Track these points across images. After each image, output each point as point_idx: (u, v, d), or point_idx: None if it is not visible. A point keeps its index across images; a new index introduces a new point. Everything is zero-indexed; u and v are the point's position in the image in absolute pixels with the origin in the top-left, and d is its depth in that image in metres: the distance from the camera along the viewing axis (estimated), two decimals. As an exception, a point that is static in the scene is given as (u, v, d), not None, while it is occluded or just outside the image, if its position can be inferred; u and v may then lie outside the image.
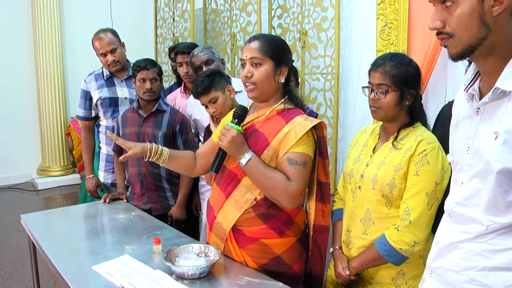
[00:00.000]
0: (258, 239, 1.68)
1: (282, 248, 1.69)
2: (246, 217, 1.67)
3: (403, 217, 1.54)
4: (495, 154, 0.98)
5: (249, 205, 1.66)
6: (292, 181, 1.58)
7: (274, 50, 1.64)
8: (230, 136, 1.61)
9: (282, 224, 1.68)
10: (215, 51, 2.59)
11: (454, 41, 1.00)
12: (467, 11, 0.96)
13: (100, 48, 2.85)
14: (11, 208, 4.99)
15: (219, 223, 1.73)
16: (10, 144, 5.96)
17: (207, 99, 2.16)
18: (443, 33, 1.01)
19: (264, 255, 1.69)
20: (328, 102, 4.64)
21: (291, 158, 1.60)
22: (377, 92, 1.60)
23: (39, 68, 5.93)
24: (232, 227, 1.69)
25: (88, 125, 3.08)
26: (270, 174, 1.59)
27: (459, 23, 0.97)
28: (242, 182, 1.68)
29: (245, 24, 5.01)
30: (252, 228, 1.68)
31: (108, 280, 1.60)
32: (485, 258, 1.04)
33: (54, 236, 2.14)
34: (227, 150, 1.64)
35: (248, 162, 1.60)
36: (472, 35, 0.97)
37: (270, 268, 1.69)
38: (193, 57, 2.54)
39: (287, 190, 1.57)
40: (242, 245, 1.70)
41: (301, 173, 1.60)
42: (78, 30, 6.14)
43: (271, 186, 1.59)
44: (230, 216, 1.69)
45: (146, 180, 2.57)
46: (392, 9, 3.97)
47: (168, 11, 5.79)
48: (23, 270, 3.43)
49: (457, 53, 1.01)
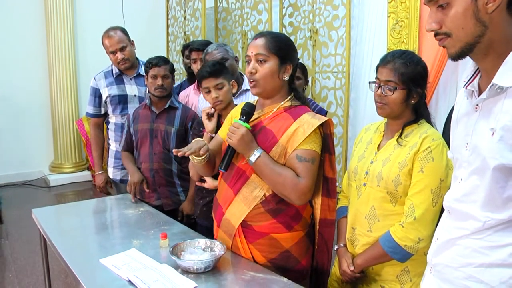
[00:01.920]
0: (268, 233, 1.69)
1: (290, 242, 1.71)
2: (255, 213, 1.69)
3: (408, 213, 1.54)
4: (491, 150, 0.98)
5: (258, 201, 1.68)
6: (301, 177, 1.60)
7: (279, 47, 1.65)
8: (239, 134, 1.62)
9: (290, 219, 1.70)
10: (229, 49, 2.60)
11: (452, 41, 1.01)
12: (461, 10, 0.97)
13: (110, 46, 2.89)
14: (24, 204, 5.06)
15: (228, 220, 1.74)
16: (24, 141, 6.06)
17: (214, 82, 2.14)
18: (440, 33, 1.03)
19: (273, 250, 1.70)
20: (338, 100, 4.63)
21: (300, 155, 1.61)
22: (385, 88, 1.60)
23: (52, 67, 6.01)
24: (241, 222, 1.71)
25: (97, 122, 3.11)
26: (279, 171, 1.60)
27: (454, 22, 0.99)
28: (251, 179, 1.69)
29: (256, 23, 5.02)
30: (261, 223, 1.69)
31: (115, 273, 1.62)
32: (482, 255, 1.04)
33: (64, 230, 2.18)
34: (236, 147, 1.65)
35: (258, 159, 1.61)
36: (469, 33, 0.98)
37: (279, 262, 1.70)
38: (207, 55, 2.55)
39: (297, 186, 1.59)
40: (251, 240, 1.71)
41: (310, 169, 1.61)
42: (90, 29, 6.21)
43: (281, 183, 1.60)
44: (239, 213, 1.71)
45: (158, 175, 2.59)
46: (403, 7, 3.95)
47: (180, 9, 5.81)
48: (35, 264, 3.48)
49: (456, 52, 1.02)
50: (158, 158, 2.57)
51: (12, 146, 5.99)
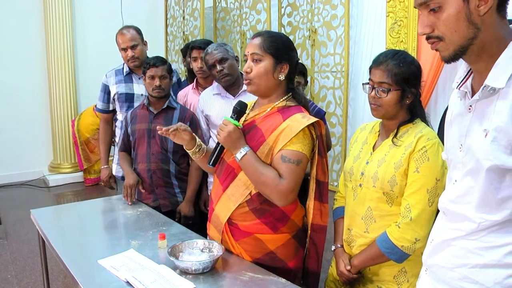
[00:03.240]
0: (252, 233, 1.70)
1: (276, 243, 1.71)
2: (240, 211, 1.70)
3: (404, 214, 1.54)
4: (485, 151, 0.99)
5: (244, 199, 1.68)
6: (283, 178, 1.59)
7: (275, 47, 1.66)
8: (226, 131, 1.64)
9: (275, 220, 1.69)
10: (229, 48, 2.59)
11: (444, 44, 1.02)
12: (453, 13, 0.98)
13: (122, 43, 2.97)
14: (23, 204, 5.06)
15: (217, 215, 1.77)
16: (23, 141, 6.07)
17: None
18: (432, 37, 1.03)
19: (258, 250, 1.71)
20: (337, 100, 4.63)
21: (285, 155, 1.61)
22: (378, 90, 1.59)
23: (51, 67, 6.01)
24: (228, 220, 1.72)
25: (106, 118, 3.20)
26: (262, 170, 1.60)
27: (446, 25, 0.99)
28: (239, 177, 1.70)
29: (255, 22, 5.03)
30: (246, 222, 1.70)
31: (113, 274, 1.62)
32: (477, 255, 1.05)
33: (63, 230, 2.18)
34: (224, 144, 1.68)
35: (243, 157, 1.62)
36: (462, 36, 0.99)
37: (264, 262, 1.70)
38: (207, 55, 2.54)
39: (277, 187, 1.58)
40: (236, 238, 1.73)
41: (294, 171, 1.60)
42: (89, 29, 6.23)
43: (262, 182, 1.60)
44: (226, 209, 1.72)
45: (156, 176, 2.58)
46: (402, 6, 3.95)
47: (178, 9, 5.82)
48: (34, 264, 3.48)
49: (449, 55, 1.02)
50: (156, 159, 2.57)
51: (11, 146, 6.00)
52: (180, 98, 2.97)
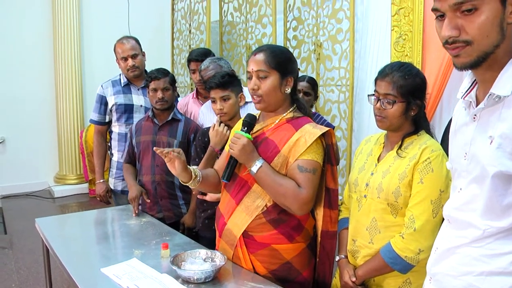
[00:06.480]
0: (269, 244, 1.69)
1: (292, 253, 1.71)
2: (256, 223, 1.69)
3: (408, 225, 1.54)
4: (490, 158, 0.98)
5: (260, 211, 1.68)
6: (302, 188, 1.60)
7: (279, 62, 1.67)
8: (240, 144, 1.64)
9: (292, 230, 1.70)
10: (223, 64, 2.59)
11: (470, 49, 0.96)
12: (491, 17, 0.93)
13: (122, 52, 2.93)
14: (28, 214, 5.07)
15: (229, 229, 1.75)
16: (29, 152, 6.09)
17: (221, 94, 2.17)
18: (459, 41, 0.96)
19: (274, 261, 1.70)
20: (342, 113, 4.63)
21: (301, 165, 1.62)
22: (384, 101, 1.60)
23: (58, 78, 6.07)
24: (243, 233, 1.71)
25: (101, 130, 3.11)
26: (280, 181, 1.61)
27: (481, 29, 0.94)
28: (253, 189, 1.70)
29: (261, 36, 5.05)
30: (263, 233, 1.69)
31: (116, 283, 1.63)
32: (482, 263, 1.04)
33: (67, 239, 2.19)
34: (238, 158, 1.67)
35: (259, 169, 1.62)
36: (491, 42, 0.95)
37: (280, 274, 1.70)
38: (202, 71, 2.58)
39: (298, 196, 1.59)
40: (252, 251, 1.71)
41: (311, 180, 1.62)
42: (96, 41, 6.29)
43: (282, 193, 1.61)
44: (240, 222, 1.71)
45: (160, 188, 2.59)
46: (407, 20, 3.96)
47: (185, 23, 5.88)
48: (38, 274, 3.48)
49: (470, 62, 0.98)
50: (160, 170, 2.57)
51: (18, 157, 6.03)
52: (181, 107, 2.97)
